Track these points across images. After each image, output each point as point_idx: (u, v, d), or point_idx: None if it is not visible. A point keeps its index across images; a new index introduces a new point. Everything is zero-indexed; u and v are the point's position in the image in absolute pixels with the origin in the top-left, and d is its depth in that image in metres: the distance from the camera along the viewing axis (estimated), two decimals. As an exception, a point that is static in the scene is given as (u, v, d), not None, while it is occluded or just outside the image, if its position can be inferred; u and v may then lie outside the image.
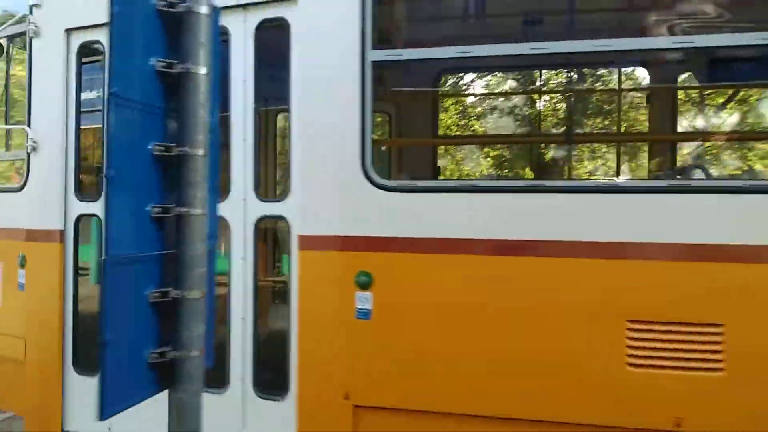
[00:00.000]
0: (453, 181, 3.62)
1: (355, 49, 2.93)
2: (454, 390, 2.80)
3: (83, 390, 3.62)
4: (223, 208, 3.25)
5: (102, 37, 3.59)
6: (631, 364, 2.63)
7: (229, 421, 3.23)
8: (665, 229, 2.63)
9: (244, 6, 3.23)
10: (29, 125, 3.78)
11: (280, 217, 3.20)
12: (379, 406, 2.91)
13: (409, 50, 3.03)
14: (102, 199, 2.24)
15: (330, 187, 2.99)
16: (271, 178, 5.25)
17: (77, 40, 3.68)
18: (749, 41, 2.62)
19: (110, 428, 3.53)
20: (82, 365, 3.66)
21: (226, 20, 3.25)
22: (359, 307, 2.92)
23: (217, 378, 3.30)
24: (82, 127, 3.72)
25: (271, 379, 3.23)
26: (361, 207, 2.94)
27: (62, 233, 3.66)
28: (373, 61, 2.93)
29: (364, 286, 2.91)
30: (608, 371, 2.65)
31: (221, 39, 3.20)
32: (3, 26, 4.02)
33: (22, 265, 3.80)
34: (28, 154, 3.78)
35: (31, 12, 3.74)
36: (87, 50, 3.72)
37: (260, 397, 3.19)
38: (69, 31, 3.67)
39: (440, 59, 3.30)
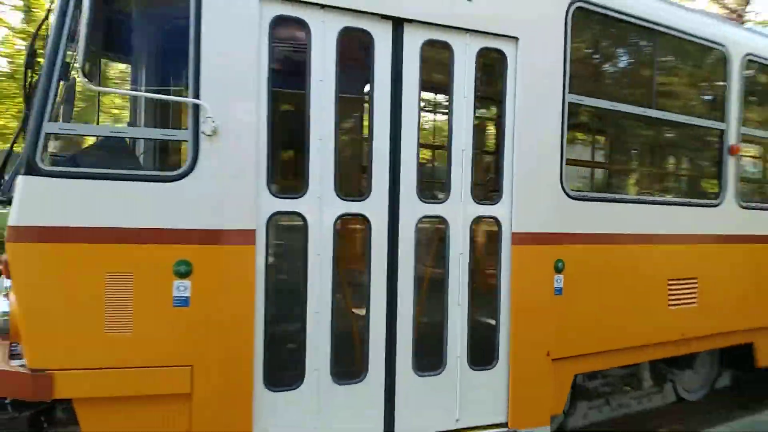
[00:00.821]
0: (610, 194, 4.77)
1: (559, 90, 3.88)
2: (613, 332, 4.19)
3: (277, 406, 3.23)
4: (444, 209, 3.65)
5: (307, 16, 3.23)
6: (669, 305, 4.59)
7: (446, 392, 3.66)
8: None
9: (468, 31, 3.63)
10: (197, 98, 2.98)
11: (492, 217, 3.80)
12: (568, 356, 4.00)
13: (597, 100, 4.15)
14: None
15: (538, 195, 3.85)
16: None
17: (272, 12, 3.15)
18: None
19: None
20: (276, 380, 3.23)
21: (450, 38, 3.62)
22: (556, 285, 3.92)
23: (433, 362, 3.65)
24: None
25: (481, 353, 3.80)
26: (558, 211, 3.93)
27: (254, 234, 3.11)
28: (569, 102, 3.95)
29: (560, 270, 3.93)
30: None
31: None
32: None
33: (183, 275, 2.98)
34: (198, 135, 2.98)
35: None
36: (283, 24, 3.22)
37: (474, 369, 3.74)
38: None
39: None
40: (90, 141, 3.34)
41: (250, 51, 3.10)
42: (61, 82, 2.88)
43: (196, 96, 3.00)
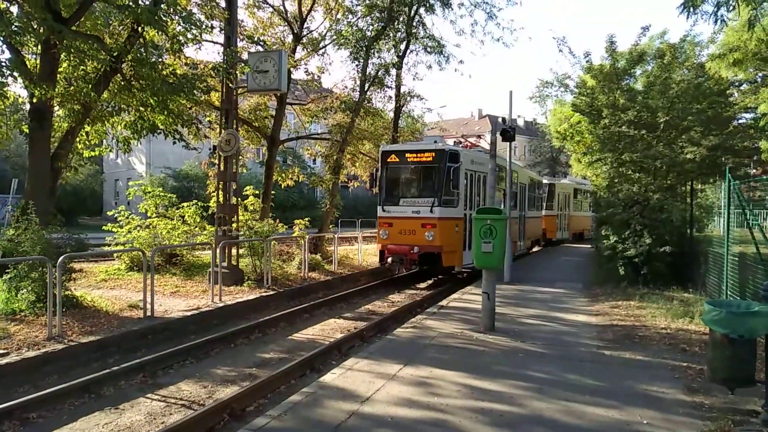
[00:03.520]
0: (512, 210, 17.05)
1: (494, 182, 13.82)
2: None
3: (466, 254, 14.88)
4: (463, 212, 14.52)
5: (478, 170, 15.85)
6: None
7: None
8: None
9: (483, 172, 15.34)
10: (458, 188, 14.55)
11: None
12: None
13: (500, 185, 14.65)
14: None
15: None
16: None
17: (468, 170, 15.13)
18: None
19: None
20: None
21: (481, 173, 15.12)
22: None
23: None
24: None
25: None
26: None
27: (463, 217, 14.61)
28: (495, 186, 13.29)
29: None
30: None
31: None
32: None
33: (457, 227, 14.50)
34: (459, 195, 14.38)
35: (459, 162, 14.20)
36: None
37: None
38: (467, 169, 14.90)
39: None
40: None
41: (462, 176, 14.46)
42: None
43: (457, 187, 14.30)
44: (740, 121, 18.80)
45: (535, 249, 24.98)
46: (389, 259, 14.66)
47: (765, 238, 8.08)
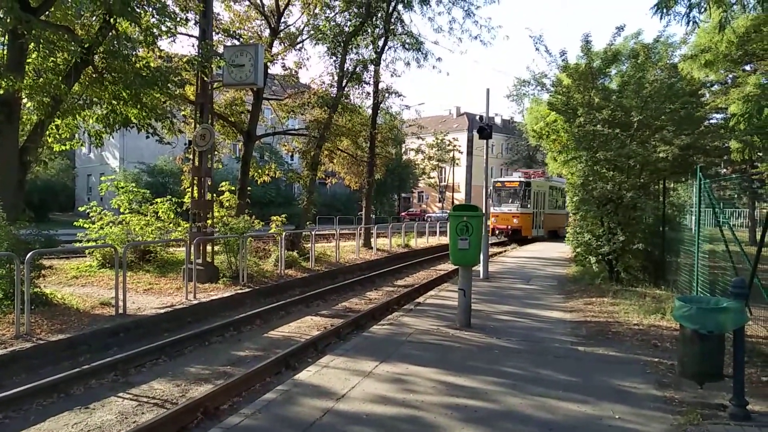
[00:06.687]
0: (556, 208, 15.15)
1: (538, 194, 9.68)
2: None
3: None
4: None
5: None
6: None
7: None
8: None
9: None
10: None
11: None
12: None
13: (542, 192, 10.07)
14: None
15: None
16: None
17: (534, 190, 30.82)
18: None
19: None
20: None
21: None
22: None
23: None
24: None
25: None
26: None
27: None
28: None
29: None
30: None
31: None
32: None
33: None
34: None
35: (530, 186, 30.80)
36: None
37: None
38: (534, 190, 31.01)
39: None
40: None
41: (532, 193, 30.42)
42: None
43: (529, 199, 29.74)
44: (711, 122, 19.15)
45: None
46: (496, 231, 29.25)
47: (734, 236, 8.25)
